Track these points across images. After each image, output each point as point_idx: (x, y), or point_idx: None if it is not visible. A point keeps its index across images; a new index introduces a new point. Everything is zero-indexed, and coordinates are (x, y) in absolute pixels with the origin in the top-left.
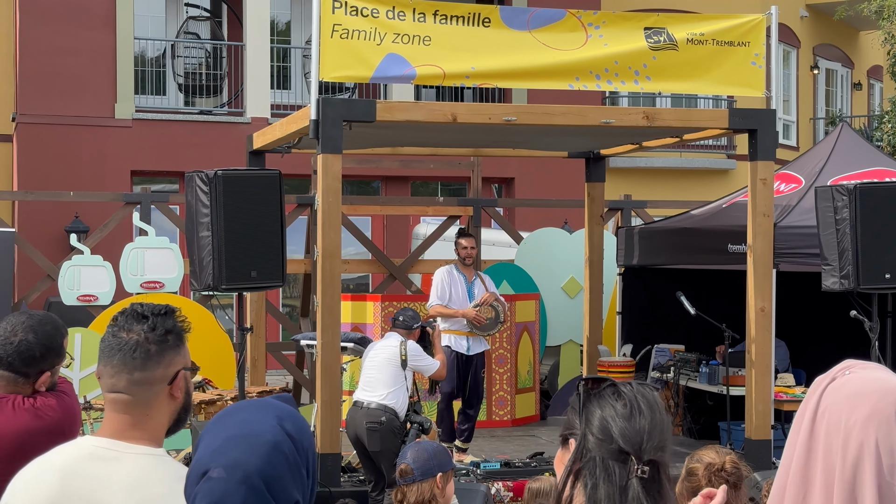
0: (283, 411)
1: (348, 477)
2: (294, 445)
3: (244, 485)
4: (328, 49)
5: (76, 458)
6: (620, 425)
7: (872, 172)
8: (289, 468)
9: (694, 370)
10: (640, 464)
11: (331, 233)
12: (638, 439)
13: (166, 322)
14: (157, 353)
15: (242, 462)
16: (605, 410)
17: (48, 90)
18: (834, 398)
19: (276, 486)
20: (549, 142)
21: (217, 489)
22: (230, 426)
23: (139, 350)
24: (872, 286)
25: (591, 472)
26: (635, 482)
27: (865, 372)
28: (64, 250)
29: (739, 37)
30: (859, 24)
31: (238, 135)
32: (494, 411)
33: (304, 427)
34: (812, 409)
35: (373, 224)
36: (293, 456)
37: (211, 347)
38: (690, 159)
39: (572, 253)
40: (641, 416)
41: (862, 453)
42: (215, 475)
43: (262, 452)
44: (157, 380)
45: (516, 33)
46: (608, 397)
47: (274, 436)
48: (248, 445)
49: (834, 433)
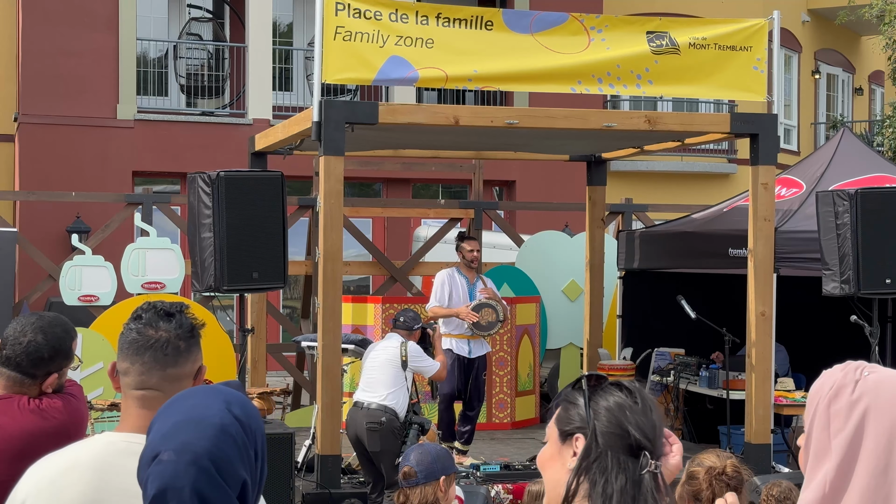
0: (231, 396)
1: (348, 478)
2: (242, 428)
3: (193, 466)
4: (331, 51)
5: (109, 454)
6: (635, 419)
7: (873, 178)
8: (237, 450)
9: (694, 374)
10: (654, 458)
11: (332, 235)
12: (653, 433)
13: (188, 319)
14: (186, 349)
15: (191, 444)
16: (616, 405)
17: (50, 91)
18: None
19: (224, 468)
20: (550, 145)
21: (167, 471)
22: (180, 411)
23: (171, 347)
24: (873, 291)
25: (602, 467)
26: (648, 477)
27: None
28: (65, 250)
29: (742, 41)
30: (861, 29)
31: (240, 136)
32: (494, 414)
33: (253, 411)
34: (855, 422)
35: (374, 226)
36: (241, 438)
37: (212, 348)
38: (692, 163)
39: (573, 256)
40: (653, 411)
41: None
42: (165, 458)
43: (209, 435)
44: (185, 375)
45: (519, 36)
46: (615, 392)
47: (221, 419)
48: (197, 429)
49: (887, 436)
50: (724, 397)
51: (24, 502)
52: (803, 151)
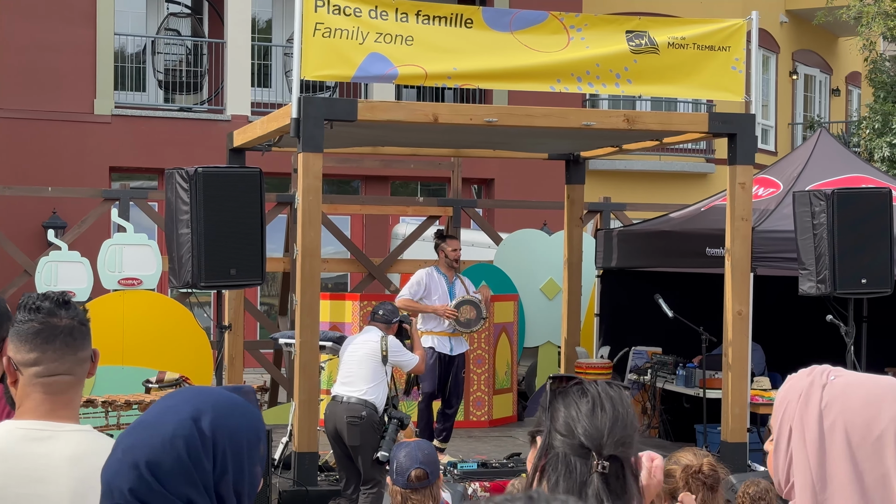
0: (210, 405)
1: (325, 476)
2: (202, 443)
3: (134, 470)
4: (310, 47)
5: (10, 441)
6: (583, 422)
7: (850, 178)
8: (181, 465)
9: (671, 373)
10: (601, 459)
11: (310, 232)
12: (598, 435)
13: (79, 308)
14: (87, 333)
15: (135, 447)
16: (570, 408)
17: (27, 85)
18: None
19: (165, 480)
20: (529, 143)
21: (112, 467)
22: (152, 410)
23: (76, 332)
24: (848, 291)
25: (553, 467)
26: (596, 478)
27: (851, 375)
28: (41, 246)
29: (720, 41)
30: (838, 31)
31: (218, 132)
32: (472, 412)
33: (233, 424)
34: (815, 425)
35: (352, 223)
36: (194, 453)
37: (189, 345)
38: (670, 163)
39: (551, 254)
40: (603, 412)
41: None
42: (118, 454)
43: (155, 443)
44: (87, 358)
45: (498, 35)
46: (573, 395)
47: (175, 429)
48: (147, 434)
49: (860, 442)
50: (700, 396)
51: None
52: (780, 151)
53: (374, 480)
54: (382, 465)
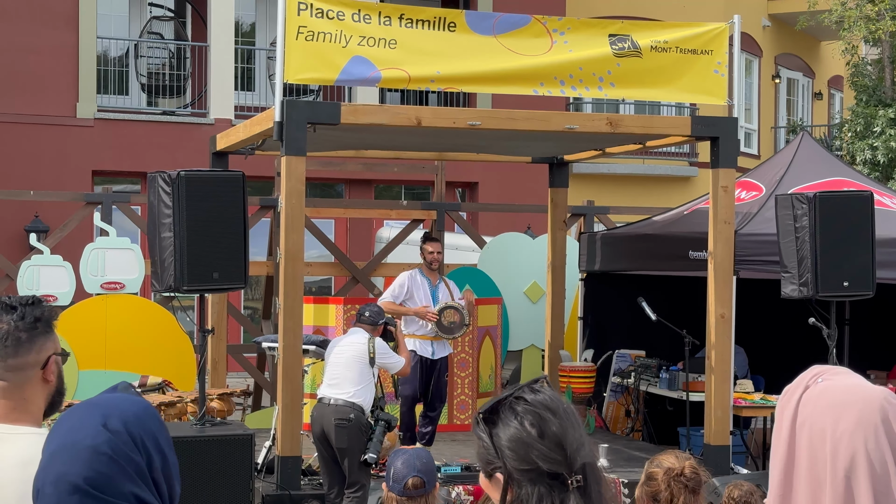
0: (109, 408)
1: (308, 480)
2: (121, 441)
3: (75, 495)
4: (293, 51)
5: None
6: (537, 449)
7: (832, 182)
8: (116, 467)
9: (654, 376)
10: (573, 475)
11: (294, 235)
12: (560, 454)
13: (35, 311)
14: (28, 339)
15: (66, 474)
16: (516, 440)
17: (9, 88)
18: (813, 409)
19: (106, 489)
20: (512, 147)
21: (51, 502)
22: (54, 439)
23: (11, 338)
24: (831, 294)
25: (526, 499)
26: (573, 495)
27: (840, 379)
28: (23, 250)
29: (703, 45)
30: (820, 35)
31: (201, 136)
32: (455, 415)
33: (141, 416)
34: (790, 420)
35: (336, 227)
36: (120, 453)
37: (171, 349)
38: (653, 166)
39: (535, 258)
40: (551, 425)
41: (855, 463)
42: (47, 491)
43: (84, 458)
44: (29, 365)
45: (482, 38)
46: (510, 422)
47: (93, 440)
48: (69, 456)
49: (819, 445)
50: (683, 399)
51: None
52: (763, 155)
53: (359, 484)
54: (368, 467)
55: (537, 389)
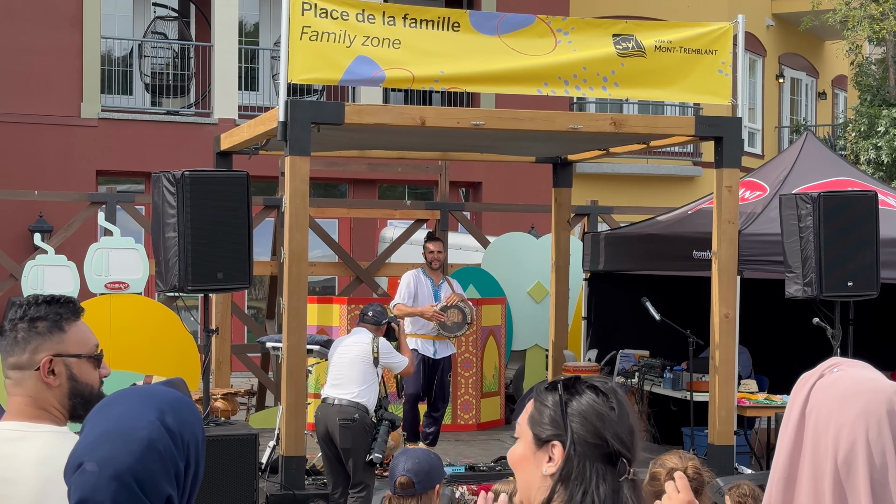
0: (165, 403)
1: (312, 479)
2: (172, 440)
3: (115, 481)
4: (297, 51)
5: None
6: (612, 426)
7: (836, 182)
8: (162, 465)
9: (658, 376)
10: (631, 466)
11: (297, 235)
12: (630, 440)
13: (39, 310)
14: (24, 339)
15: (114, 459)
16: (592, 411)
17: (13, 88)
18: (823, 396)
19: (147, 484)
20: (516, 146)
21: (88, 483)
22: (109, 418)
23: (8, 337)
24: (835, 294)
25: (580, 477)
26: (626, 485)
27: (854, 370)
28: (28, 250)
29: (707, 45)
30: (824, 34)
31: (205, 136)
32: (459, 415)
33: (189, 418)
34: (800, 406)
35: (339, 227)
36: (169, 452)
37: (175, 349)
38: (657, 166)
39: (538, 258)
40: (628, 415)
41: (854, 452)
42: (89, 468)
43: (135, 450)
44: (24, 365)
45: (486, 38)
46: (590, 396)
47: (150, 433)
48: (123, 442)
49: (823, 431)
50: (687, 399)
51: None
52: (767, 155)
53: (363, 484)
54: (373, 467)
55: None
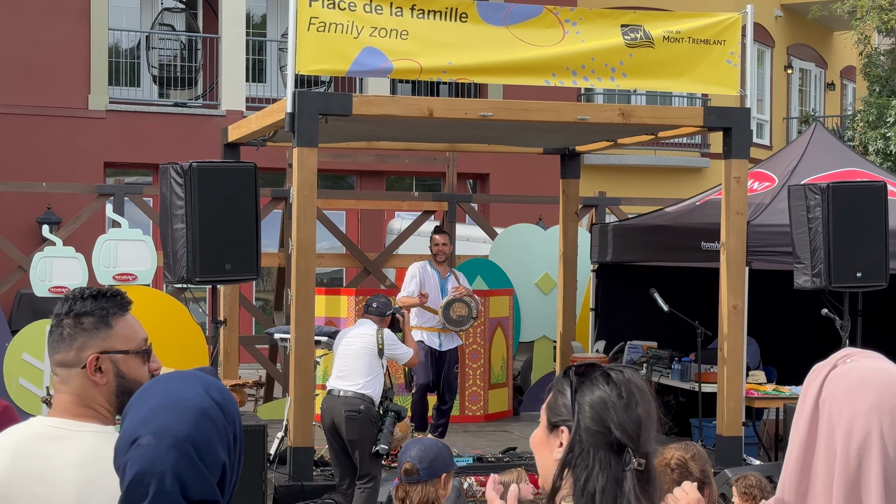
0: (208, 381)
1: (321, 471)
2: (222, 412)
3: (174, 449)
4: (305, 42)
5: (27, 439)
6: (617, 416)
7: (845, 172)
8: (217, 433)
9: (666, 367)
10: (637, 456)
11: (305, 227)
12: (636, 430)
13: (85, 305)
14: (70, 336)
15: (171, 428)
16: (600, 400)
17: (22, 81)
18: (836, 387)
19: (205, 451)
20: (524, 138)
21: (147, 455)
22: (156, 396)
23: (54, 334)
24: (844, 285)
25: (584, 463)
26: (630, 475)
27: (867, 361)
28: (36, 241)
29: (715, 35)
30: (833, 25)
31: (212, 127)
32: (467, 406)
33: (230, 396)
34: (813, 398)
35: (347, 218)
36: (221, 422)
37: (184, 340)
38: (665, 157)
39: (546, 249)
40: (637, 405)
41: (867, 443)
42: (144, 442)
43: (190, 417)
44: (71, 363)
45: (493, 29)
46: (601, 385)
47: (201, 402)
48: (176, 412)
49: (837, 422)
50: (696, 390)
51: None
52: (775, 146)
53: (370, 475)
54: (379, 458)
55: (637, 371)
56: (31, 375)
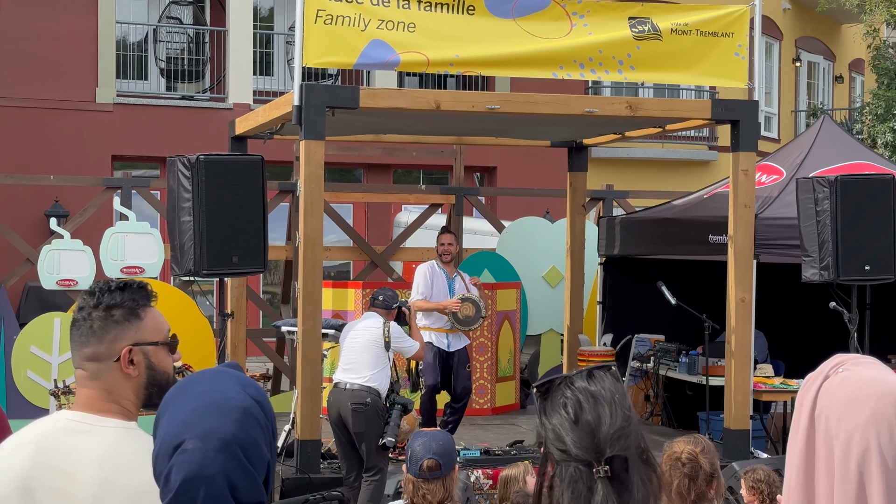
0: (242, 378)
1: (327, 464)
2: (262, 409)
3: (222, 452)
4: (312, 35)
5: (51, 432)
6: (570, 435)
7: (853, 165)
8: (261, 432)
9: (674, 360)
10: (600, 465)
11: (313, 220)
12: (589, 442)
13: (114, 297)
14: (101, 328)
15: (217, 430)
16: (554, 419)
17: (29, 73)
18: (830, 400)
19: (252, 452)
20: (531, 131)
21: (195, 460)
22: (194, 396)
23: (84, 327)
24: (852, 278)
25: (560, 478)
26: (601, 483)
27: (859, 370)
28: (43, 234)
29: (723, 27)
30: (841, 18)
31: (220, 120)
32: (475, 399)
33: (263, 392)
34: (808, 410)
35: (354, 211)
36: (262, 419)
37: (191, 333)
38: (672, 150)
39: (553, 242)
40: (587, 414)
41: (866, 458)
42: (190, 446)
43: (235, 418)
44: (102, 356)
45: (501, 21)
46: (556, 403)
47: (242, 401)
48: (220, 413)
49: (834, 437)
50: (703, 383)
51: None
52: (783, 139)
53: (377, 468)
54: (386, 451)
55: (592, 376)
56: (38, 368)
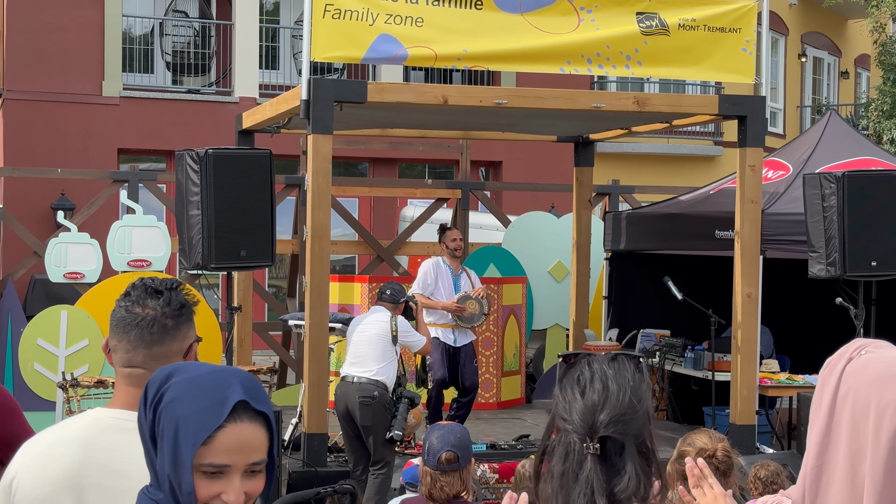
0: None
1: (334, 457)
2: None
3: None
4: (320, 29)
5: (96, 430)
6: (577, 405)
7: (860, 161)
8: None
9: (679, 355)
10: (592, 441)
11: (320, 213)
12: (588, 418)
13: (179, 296)
14: (174, 327)
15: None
16: (567, 391)
17: (35, 67)
18: (857, 380)
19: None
20: (538, 125)
21: None
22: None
23: (157, 325)
24: (858, 273)
25: (557, 447)
26: (589, 459)
27: (883, 351)
28: (50, 227)
29: (731, 23)
30: (847, 13)
31: (226, 114)
32: (480, 394)
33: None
34: (832, 392)
35: (360, 206)
36: None
37: (198, 326)
38: (678, 145)
39: (559, 237)
40: (595, 393)
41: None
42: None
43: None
44: (173, 353)
45: (508, 16)
46: (571, 377)
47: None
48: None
49: (862, 417)
50: (709, 378)
51: (14, 477)
52: (789, 135)
53: (384, 461)
54: (393, 444)
55: (615, 360)
56: (45, 360)
